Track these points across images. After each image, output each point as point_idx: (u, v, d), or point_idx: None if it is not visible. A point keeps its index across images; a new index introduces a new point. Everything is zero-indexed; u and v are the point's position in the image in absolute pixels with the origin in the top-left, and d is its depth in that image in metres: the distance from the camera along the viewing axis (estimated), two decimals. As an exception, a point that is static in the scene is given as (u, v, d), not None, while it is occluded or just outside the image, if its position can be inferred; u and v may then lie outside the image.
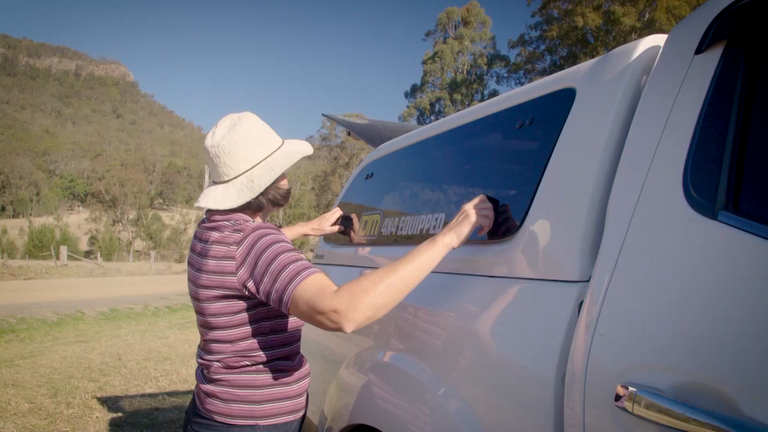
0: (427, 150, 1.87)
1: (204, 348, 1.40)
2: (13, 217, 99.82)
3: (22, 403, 4.36)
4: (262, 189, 1.35)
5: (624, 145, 1.04)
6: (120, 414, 4.18)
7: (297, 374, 1.43)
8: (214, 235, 1.31)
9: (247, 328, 1.33)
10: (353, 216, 2.07)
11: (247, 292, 1.27)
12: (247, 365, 1.35)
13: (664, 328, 0.82)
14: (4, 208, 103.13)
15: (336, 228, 2.03)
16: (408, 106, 45.99)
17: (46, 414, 4.10)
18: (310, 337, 2.12)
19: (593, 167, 1.09)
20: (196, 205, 1.41)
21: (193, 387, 5.02)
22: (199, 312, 1.37)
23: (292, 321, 1.41)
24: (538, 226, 1.17)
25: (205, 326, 1.36)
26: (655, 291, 0.86)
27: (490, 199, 1.31)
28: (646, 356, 0.83)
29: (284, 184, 1.45)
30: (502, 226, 1.29)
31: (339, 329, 1.12)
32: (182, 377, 5.36)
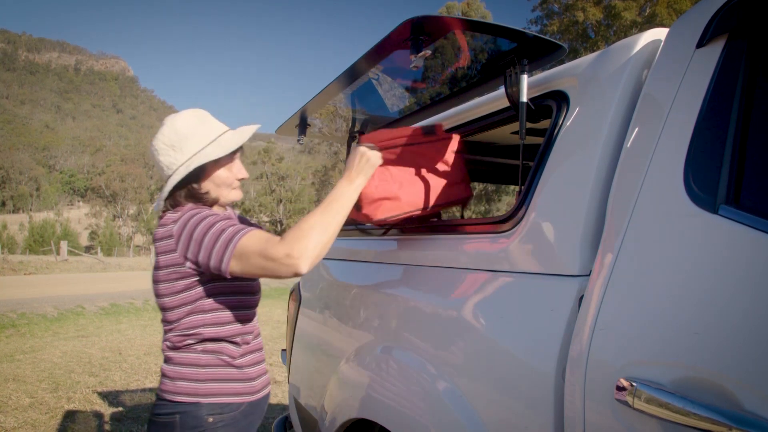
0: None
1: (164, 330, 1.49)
2: (14, 212, 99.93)
3: (23, 397, 4.37)
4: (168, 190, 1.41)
5: (625, 139, 1.03)
6: (121, 408, 4.19)
7: (245, 359, 1.49)
8: (160, 222, 1.42)
9: (189, 307, 1.40)
10: None
11: (189, 265, 1.34)
12: (190, 344, 1.42)
13: (665, 323, 0.82)
14: (4, 204, 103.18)
15: None
16: (408, 103, 45.78)
17: (47, 408, 4.12)
18: (310, 332, 2.13)
19: (594, 161, 1.09)
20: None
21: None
22: (156, 295, 1.45)
23: (233, 299, 1.45)
24: (538, 220, 1.17)
25: (159, 309, 1.45)
26: (655, 285, 0.86)
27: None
28: (647, 351, 0.83)
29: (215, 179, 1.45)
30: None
31: (296, 272, 1.25)
32: (183, 372, 5.38)
